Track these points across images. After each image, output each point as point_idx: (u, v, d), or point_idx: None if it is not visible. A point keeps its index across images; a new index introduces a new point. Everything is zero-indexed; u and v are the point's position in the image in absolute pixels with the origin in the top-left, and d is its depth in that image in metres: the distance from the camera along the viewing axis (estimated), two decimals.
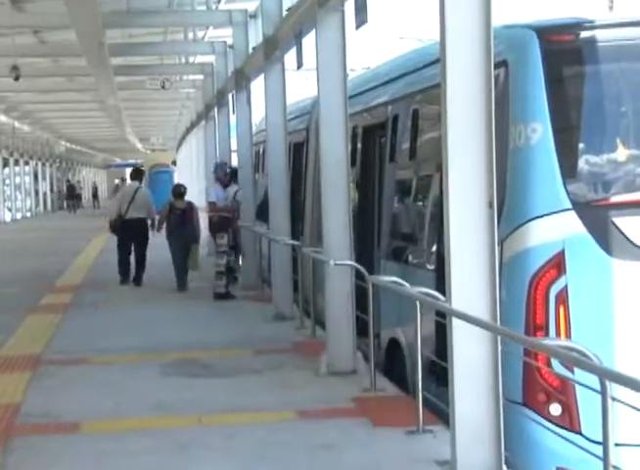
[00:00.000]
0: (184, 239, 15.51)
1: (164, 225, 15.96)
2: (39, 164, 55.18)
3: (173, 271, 15.74)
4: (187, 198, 16.04)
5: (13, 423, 7.56)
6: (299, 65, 10.85)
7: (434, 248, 7.61)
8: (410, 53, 10.14)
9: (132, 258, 16.69)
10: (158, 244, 16.51)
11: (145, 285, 16.46)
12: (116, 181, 66.41)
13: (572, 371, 5.78)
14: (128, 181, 18.70)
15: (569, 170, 6.30)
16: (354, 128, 10.22)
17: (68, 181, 63.18)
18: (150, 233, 16.61)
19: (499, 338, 5.53)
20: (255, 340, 10.81)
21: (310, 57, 9.67)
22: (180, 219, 15.54)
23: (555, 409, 6.13)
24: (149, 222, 16.58)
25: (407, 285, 7.38)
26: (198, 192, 28.51)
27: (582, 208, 6.24)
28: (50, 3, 16.36)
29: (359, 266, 8.71)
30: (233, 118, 17.84)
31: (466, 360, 5.58)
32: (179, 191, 15.96)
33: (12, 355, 10.47)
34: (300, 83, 20.07)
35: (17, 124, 40.06)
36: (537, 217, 6.25)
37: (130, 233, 16.31)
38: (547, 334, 6.12)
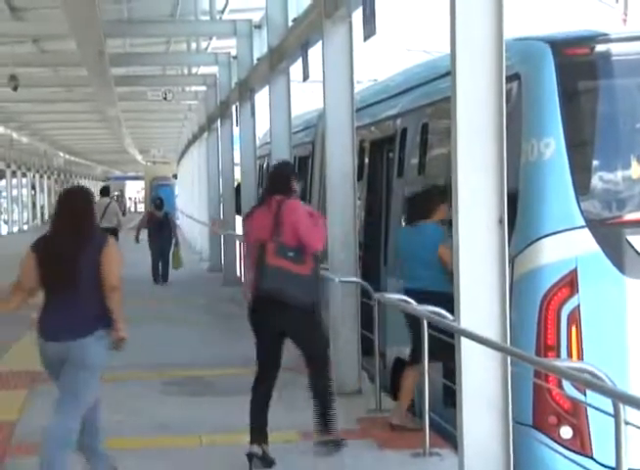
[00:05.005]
0: (160, 242, 19.51)
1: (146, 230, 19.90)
2: (37, 176, 54.97)
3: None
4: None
5: (8, 443, 7.38)
6: (306, 76, 10.72)
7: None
8: (419, 65, 10.05)
9: None
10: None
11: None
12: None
13: (584, 393, 5.70)
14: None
15: (582, 187, 6.22)
16: (361, 142, 10.10)
17: None
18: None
19: (509, 358, 5.41)
20: None
21: (317, 68, 9.55)
22: (158, 226, 19.57)
23: (566, 432, 6.06)
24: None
25: (414, 303, 7.24)
26: (199, 206, 28.29)
27: (596, 225, 6.17)
28: (50, 11, 16.23)
29: (365, 283, 8.56)
30: (236, 131, 17.74)
31: (475, 381, 5.48)
32: (156, 203, 20.27)
33: (7, 372, 10.27)
34: (306, 95, 19.97)
35: (15, 135, 39.83)
36: (550, 235, 6.18)
37: None
38: (558, 355, 6.05)
